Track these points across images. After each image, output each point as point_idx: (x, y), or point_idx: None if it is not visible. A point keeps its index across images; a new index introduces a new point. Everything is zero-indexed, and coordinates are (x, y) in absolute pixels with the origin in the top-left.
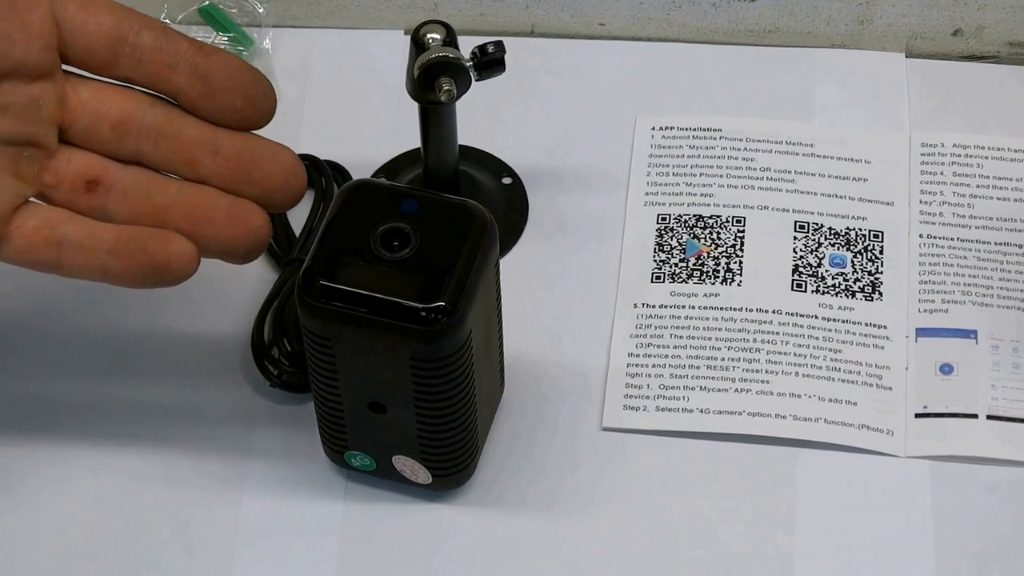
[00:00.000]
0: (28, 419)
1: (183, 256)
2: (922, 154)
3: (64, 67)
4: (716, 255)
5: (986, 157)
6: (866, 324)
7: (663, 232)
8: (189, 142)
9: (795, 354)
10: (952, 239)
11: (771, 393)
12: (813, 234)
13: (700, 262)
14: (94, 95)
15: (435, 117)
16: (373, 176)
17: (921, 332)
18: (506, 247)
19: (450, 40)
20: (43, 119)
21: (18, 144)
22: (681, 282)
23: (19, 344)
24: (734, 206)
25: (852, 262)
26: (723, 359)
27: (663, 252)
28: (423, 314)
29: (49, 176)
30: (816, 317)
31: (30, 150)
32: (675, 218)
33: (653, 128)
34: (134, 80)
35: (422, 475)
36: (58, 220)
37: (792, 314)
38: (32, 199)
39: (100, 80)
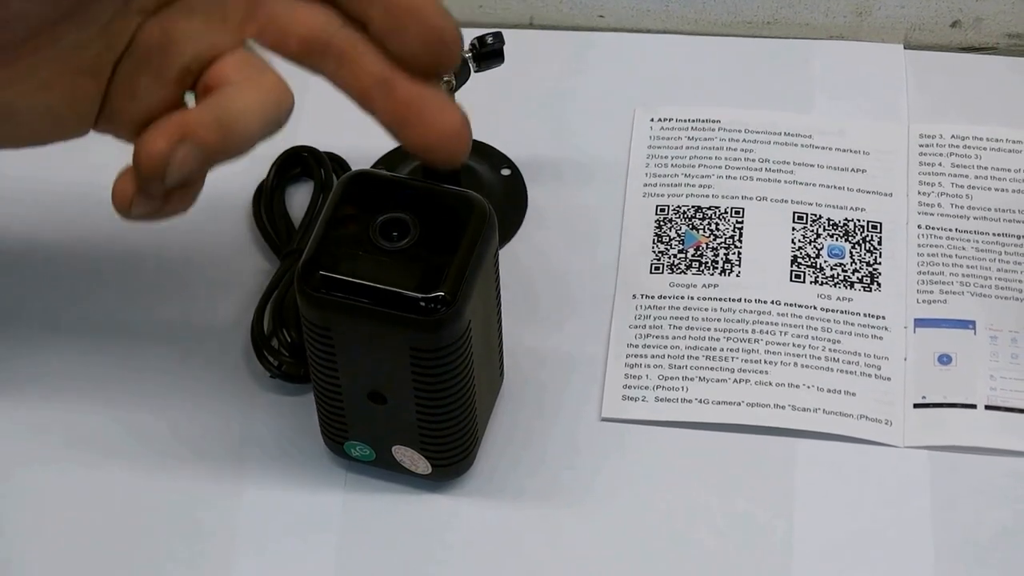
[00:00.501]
0: (25, 408)
1: (116, 192)
2: (920, 145)
3: None
4: (715, 246)
5: (984, 148)
6: (865, 315)
7: (662, 223)
8: (367, 75)
9: (794, 345)
10: (950, 230)
11: (770, 383)
12: (812, 225)
13: (699, 253)
14: (288, 7)
15: None
16: (373, 167)
17: (919, 323)
18: (505, 238)
19: None
20: (228, 27)
21: (192, 52)
22: (680, 273)
23: (17, 332)
24: (733, 197)
25: (851, 253)
26: (722, 350)
27: (662, 243)
28: (422, 304)
29: (204, 78)
30: (815, 308)
31: (202, 58)
32: (674, 209)
33: (652, 119)
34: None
35: (422, 465)
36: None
37: (791, 305)
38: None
39: None
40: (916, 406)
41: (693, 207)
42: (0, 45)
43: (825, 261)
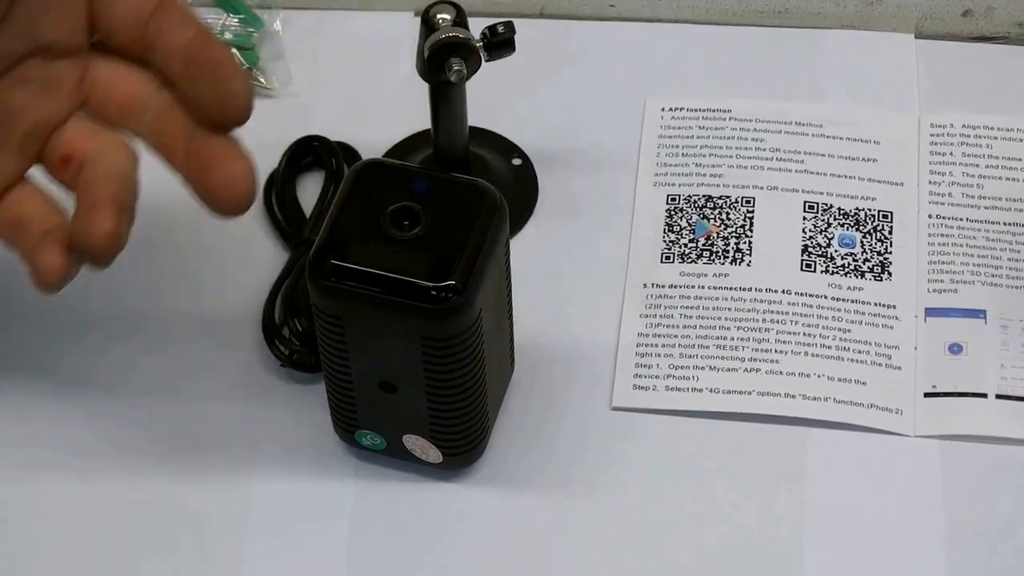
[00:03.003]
0: (36, 398)
1: (48, 269)
2: (931, 135)
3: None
4: (725, 235)
5: (995, 137)
6: (875, 304)
7: (673, 212)
8: (173, 133)
9: (804, 334)
10: (961, 219)
11: (780, 373)
12: (822, 214)
13: (710, 242)
14: (110, 73)
15: (445, 97)
16: (384, 157)
17: (930, 312)
18: (516, 228)
19: (460, 20)
20: (62, 96)
21: (31, 120)
22: (691, 262)
23: (27, 320)
24: (744, 186)
25: (861, 242)
26: (732, 339)
27: (673, 232)
28: (433, 293)
29: (48, 150)
30: (825, 297)
31: (41, 127)
32: (685, 198)
33: (663, 109)
34: (147, 61)
35: (432, 454)
36: (29, 202)
37: (801, 294)
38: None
39: (119, 57)
40: (927, 395)
41: (704, 196)
42: None
43: (836, 250)
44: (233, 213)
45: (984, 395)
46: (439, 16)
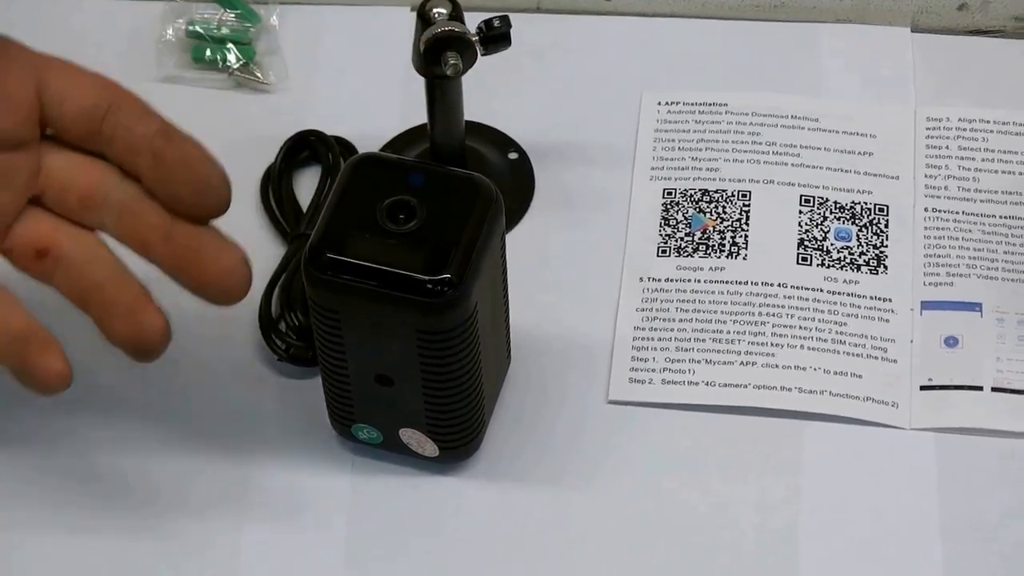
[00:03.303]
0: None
1: (50, 372)
2: (927, 128)
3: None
4: (722, 229)
5: (991, 131)
6: (871, 297)
7: (669, 206)
8: (146, 224)
9: (800, 327)
10: (957, 212)
11: (776, 366)
12: (818, 208)
13: (706, 236)
14: (67, 165)
15: (441, 91)
16: (380, 151)
17: (926, 305)
18: (512, 222)
19: (456, 15)
20: (13, 188)
21: None
22: (687, 256)
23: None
24: (740, 180)
25: (857, 236)
26: (729, 332)
27: (669, 226)
28: (429, 286)
29: (7, 241)
30: (821, 290)
31: None
32: (681, 192)
33: (659, 103)
34: (106, 155)
35: (429, 448)
36: None
37: (797, 287)
38: None
39: (77, 149)
40: (923, 388)
41: (700, 190)
42: None
43: (832, 244)
44: (229, 303)
45: (980, 388)
46: (435, 10)
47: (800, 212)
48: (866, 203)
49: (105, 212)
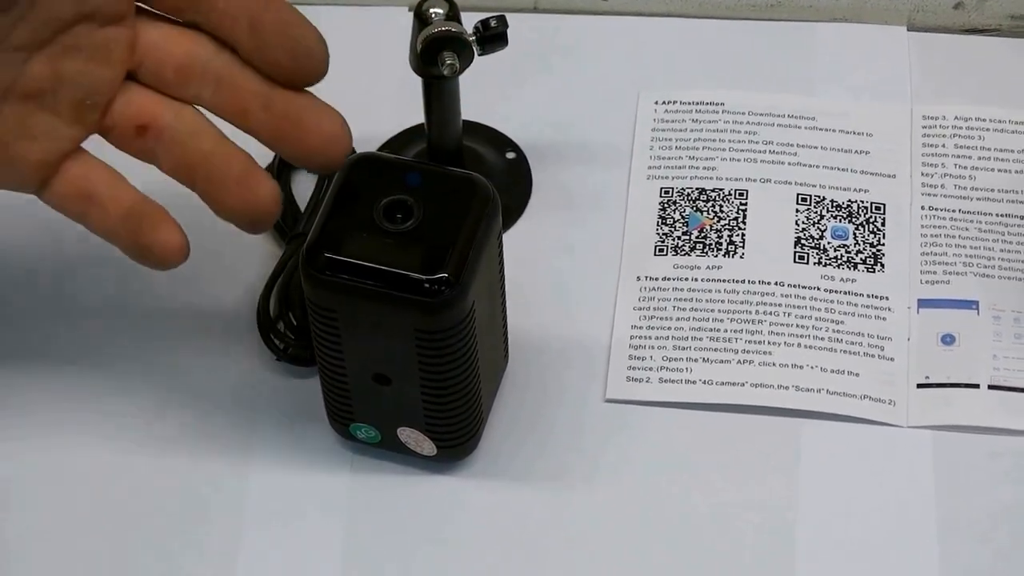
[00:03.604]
0: (31, 388)
1: (167, 245)
2: (924, 127)
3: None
4: (719, 228)
5: (987, 129)
6: (868, 295)
7: (666, 205)
8: (244, 93)
9: (797, 325)
10: (954, 211)
11: (773, 364)
12: (815, 206)
13: (703, 235)
14: (162, 37)
15: (438, 91)
16: (377, 151)
17: (923, 303)
18: (510, 221)
19: (453, 15)
20: (112, 63)
21: (84, 87)
22: (684, 255)
23: (25, 316)
24: (737, 179)
25: (854, 234)
26: (726, 331)
27: (666, 225)
28: (426, 285)
29: (108, 119)
30: (818, 289)
31: (94, 94)
32: (678, 191)
33: (656, 102)
34: (202, 26)
35: (427, 447)
36: (95, 174)
37: (794, 286)
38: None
39: (170, 21)
40: (919, 386)
41: (697, 189)
42: None
43: (829, 242)
44: (331, 168)
45: (977, 386)
46: (432, 10)
47: (797, 211)
48: (863, 201)
49: (202, 83)
